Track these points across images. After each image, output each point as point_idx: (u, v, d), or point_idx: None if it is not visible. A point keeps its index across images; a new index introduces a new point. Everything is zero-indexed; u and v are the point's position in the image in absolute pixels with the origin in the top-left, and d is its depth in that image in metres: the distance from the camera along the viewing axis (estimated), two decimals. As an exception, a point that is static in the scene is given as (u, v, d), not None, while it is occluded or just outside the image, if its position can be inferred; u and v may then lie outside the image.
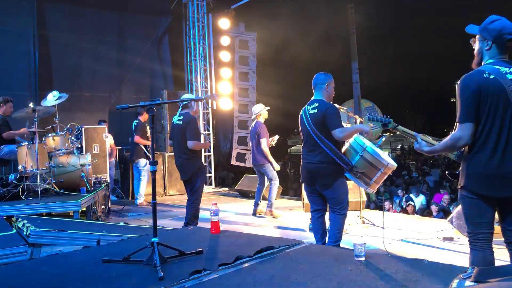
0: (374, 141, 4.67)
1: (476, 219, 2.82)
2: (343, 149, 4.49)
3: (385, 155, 4.74)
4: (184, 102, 5.82)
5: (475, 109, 2.73)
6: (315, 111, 4.36)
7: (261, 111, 7.34)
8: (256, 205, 7.51)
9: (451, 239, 5.47)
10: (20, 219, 4.61)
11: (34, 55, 10.50)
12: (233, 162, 12.91)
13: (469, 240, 2.88)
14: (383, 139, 5.36)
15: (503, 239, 2.91)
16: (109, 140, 9.34)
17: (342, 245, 4.44)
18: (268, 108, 7.43)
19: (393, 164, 4.57)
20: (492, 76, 2.73)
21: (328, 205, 4.50)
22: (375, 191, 4.80)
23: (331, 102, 4.56)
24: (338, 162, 4.29)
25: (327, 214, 4.62)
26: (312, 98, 4.53)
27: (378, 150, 4.62)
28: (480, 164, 2.75)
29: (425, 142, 3.06)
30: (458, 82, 2.81)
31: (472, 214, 2.84)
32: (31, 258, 3.87)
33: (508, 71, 2.74)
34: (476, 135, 2.76)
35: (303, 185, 8.17)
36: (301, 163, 4.60)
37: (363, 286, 2.53)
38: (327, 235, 4.50)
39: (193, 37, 12.31)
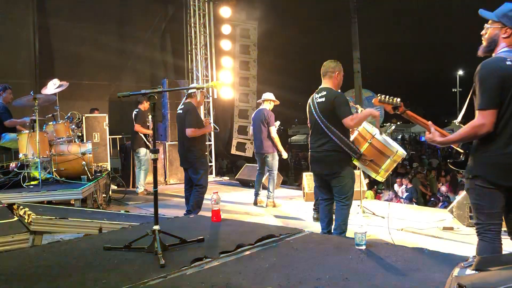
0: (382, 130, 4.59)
1: (489, 209, 2.75)
2: (352, 138, 4.44)
3: (394, 143, 4.69)
4: (188, 92, 5.86)
5: (498, 96, 2.66)
6: (323, 99, 4.32)
7: (272, 98, 7.27)
8: (256, 195, 7.50)
9: (451, 228, 5.49)
10: (21, 207, 4.62)
11: (35, 43, 10.46)
12: (233, 151, 12.92)
13: (478, 231, 2.81)
14: (393, 127, 5.26)
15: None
16: None
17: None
18: (277, 103, 7.35)
19: (403, 152, 4.50)
20: None
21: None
22: (384, 179, 4.74)
23: (339, 91, 4.51)
24: (346, 150, 4.24)
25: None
26: (320, 86, 4.48)
27: (387, 138, 4.57)
28: (497, 152, 2.70)
29: (438, 132, 2.91)
30: (480, 68, 2.73)
31: (485, 205, 2.76)
32: (32, 245, 3.89)
33: None
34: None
35: (303, 174, 8.21)
36: (309, 152, 4.55)
37: (363, 275, 2.53)
38: (333, 224, 4.48)
39: (194, 25, 12.23)
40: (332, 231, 4.43)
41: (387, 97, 3.26)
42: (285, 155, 7.30)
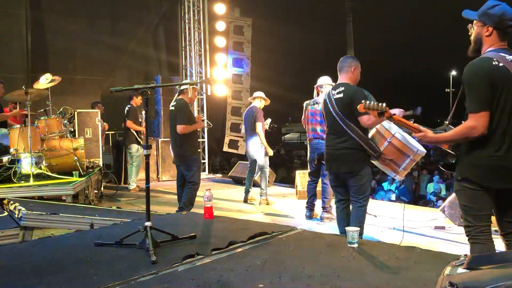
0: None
1: (477, 212, 2.70)
2: (370, 135, 4.25)
3: (413, 140, 4.55)
4: (180, 88, 5.85)
5: (489, 97, 2.59)
6: (341, 95, 4.10)
7: (262, 96, 7.25)
8: (246, 192, 7.49)
9: (443, 228, 5.52)
10: (11, 202, 4.58)
11: (27, 38, 10.36)
12: (226, 148, 12.88)
13: (469, 233, 2.75)
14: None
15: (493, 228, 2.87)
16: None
17: (334, 231, 4.44)
18: (268, 103, 7.32)
19: (423, 151, 4.28)
20: (501, 64, 2.61)
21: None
22: (402, 179, 4.63)
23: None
24: (366, 148, 4.04)
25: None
26: (337, 82, 4.32)
27: (407, 136, 4.44)
28: (485, 155, 2.64)
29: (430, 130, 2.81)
30: (466, 71, 2.67)
31: (473, 207, 2.71)
32: (22, 240, 3.86)
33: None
34: None
35: (296, 172, 8.20)
36: (325, 150, 4.35)
37: (355, 272, 2.54)
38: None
39: (188, 21, 12.17)
40: None
41: (372, 103, 3.06)
42: (270, 152, 7.25)
